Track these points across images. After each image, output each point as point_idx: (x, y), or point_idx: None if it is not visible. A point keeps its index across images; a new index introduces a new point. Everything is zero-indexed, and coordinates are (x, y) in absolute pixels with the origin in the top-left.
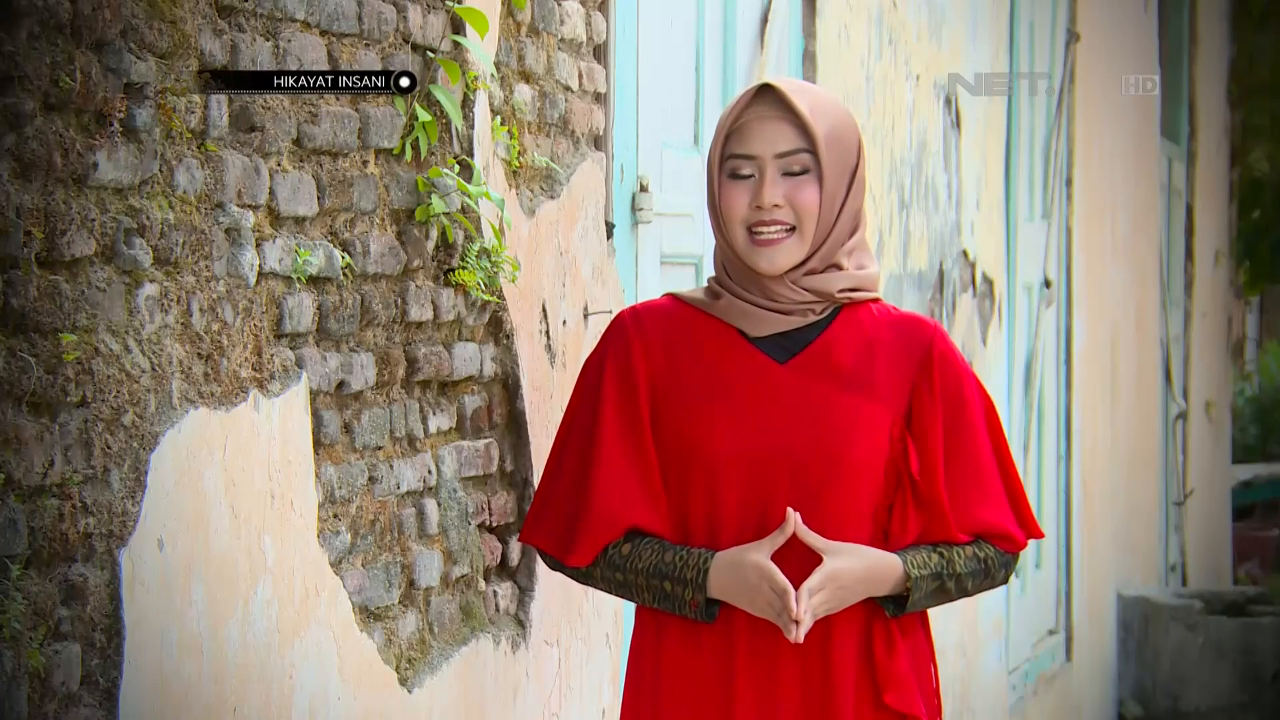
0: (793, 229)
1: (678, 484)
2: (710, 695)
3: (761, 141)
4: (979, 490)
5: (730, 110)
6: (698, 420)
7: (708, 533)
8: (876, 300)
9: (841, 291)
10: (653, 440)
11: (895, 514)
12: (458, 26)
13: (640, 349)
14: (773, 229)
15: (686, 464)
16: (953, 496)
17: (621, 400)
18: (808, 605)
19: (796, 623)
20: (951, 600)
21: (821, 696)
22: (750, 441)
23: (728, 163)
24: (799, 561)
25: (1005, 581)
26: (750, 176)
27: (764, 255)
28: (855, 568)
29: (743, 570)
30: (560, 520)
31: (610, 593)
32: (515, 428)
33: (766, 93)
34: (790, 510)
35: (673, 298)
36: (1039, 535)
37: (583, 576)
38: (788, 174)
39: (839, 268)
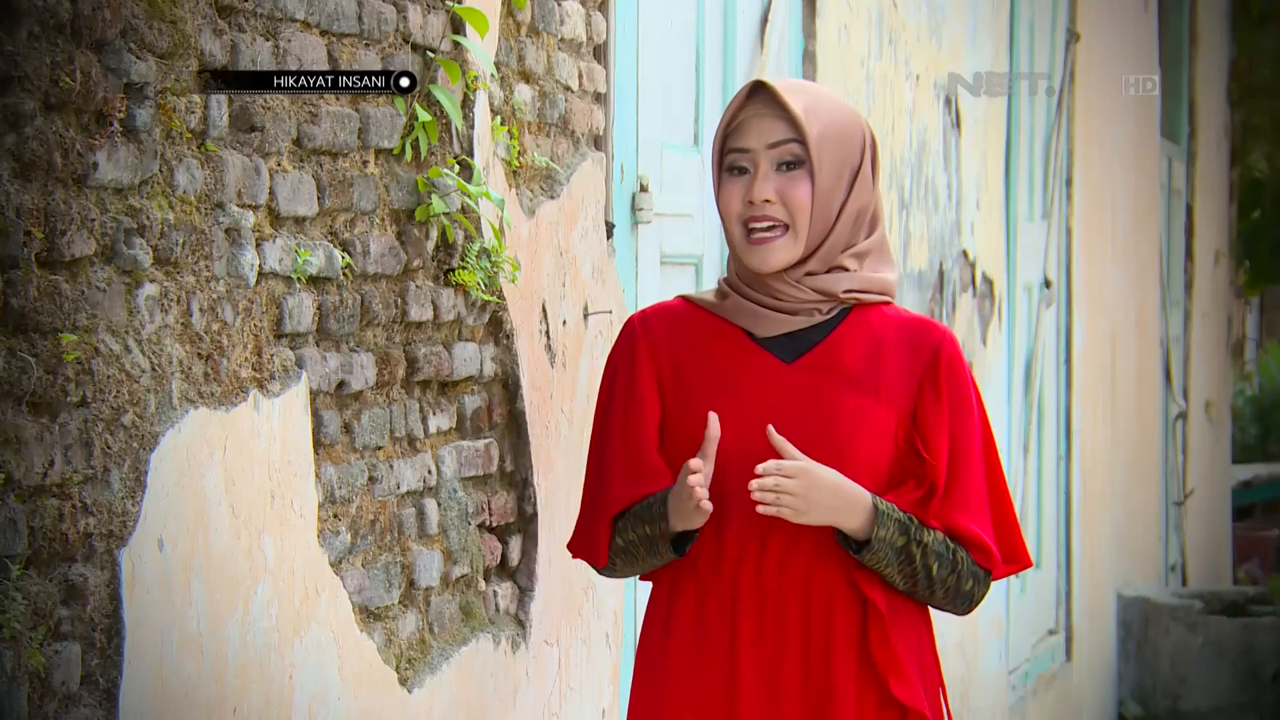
0: (787, 227)
1: None
2: (714, 683)
3: (755, 135)
4: (963, 500)
5: (728, 109)
6: (701, 418)
7: (713, 530)
8: (888, 303)
9: (847, 292)
10: (659, 440)
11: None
12: (458, 26)
13: (646, 351)
14: (765, 225)
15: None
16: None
17: (629, 405)
18: (775, 471)
19: (703, 489)
20: (916, 578)
21: (823, 690)
22: (753, 439)
23: (726, 158)
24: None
25: (972, 598)
26: (746, 171)
27: (757, 253)
28: (828, 476)
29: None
30: (585, 528)
31: (630, 570)
32: (515, 428)
33: (761, 90)
34: (712, 415)
35: (683, 299)
36: (1027, 564)
37: (611, 572)
38: (782, 168)
39: (844, 270)
